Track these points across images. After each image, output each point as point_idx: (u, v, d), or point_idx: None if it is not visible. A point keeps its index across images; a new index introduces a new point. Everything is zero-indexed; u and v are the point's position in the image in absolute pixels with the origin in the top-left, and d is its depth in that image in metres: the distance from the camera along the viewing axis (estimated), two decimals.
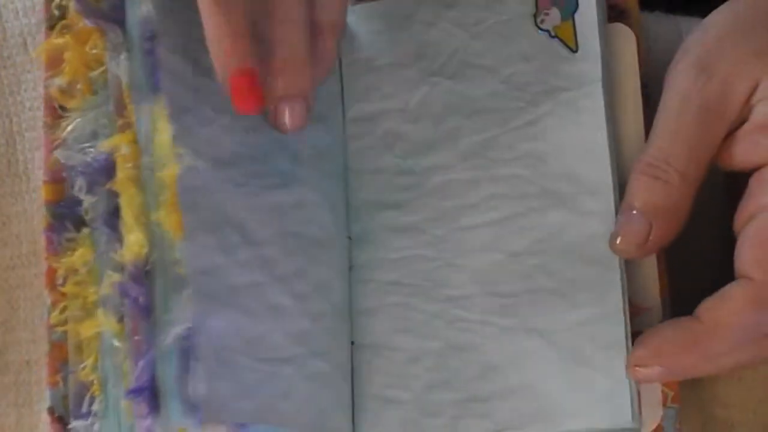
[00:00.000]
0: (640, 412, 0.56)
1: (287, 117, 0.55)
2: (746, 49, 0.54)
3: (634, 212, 0.55)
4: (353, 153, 0.60)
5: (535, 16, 0.59)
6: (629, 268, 0.57)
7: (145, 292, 0.50)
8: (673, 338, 0.53)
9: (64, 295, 0.51)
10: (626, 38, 0.59)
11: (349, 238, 0.59)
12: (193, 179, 0.51)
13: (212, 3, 0.52)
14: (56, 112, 0.53)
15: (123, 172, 0.51)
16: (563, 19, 0.58)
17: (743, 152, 0.54)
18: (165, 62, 0.52)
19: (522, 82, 0.58)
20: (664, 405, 0.56)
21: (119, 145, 0.51)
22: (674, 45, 0.58)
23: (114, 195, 0.51)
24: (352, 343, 0.58)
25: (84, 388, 0.51)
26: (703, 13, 0.59)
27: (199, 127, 0.52)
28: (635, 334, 0.56)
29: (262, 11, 0.54)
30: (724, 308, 0.53)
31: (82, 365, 0.51)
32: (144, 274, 0.50)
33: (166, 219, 0.50)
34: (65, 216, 0.52)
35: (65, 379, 0.52)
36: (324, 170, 0.58)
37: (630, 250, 0.55)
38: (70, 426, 0.51)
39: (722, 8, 0.56)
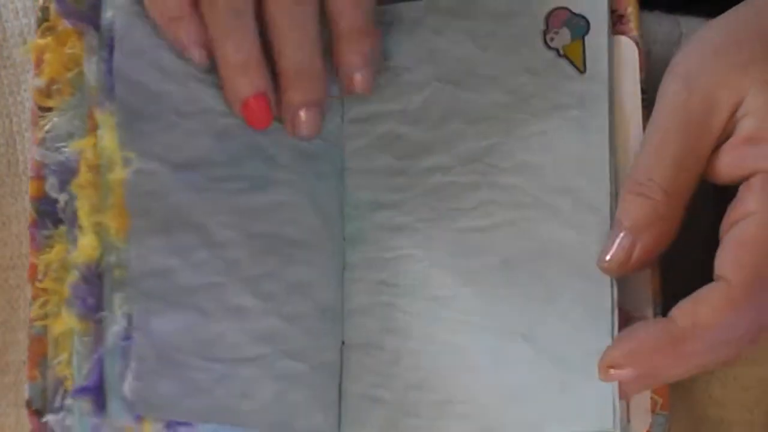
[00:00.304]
0: (629, 419, 0.56)
1: (301, 125, 0.57)
2: (731, 65, 0.54)
3: (620, 230, 0.55)
4: (350, 153, 0.60)
5: (544, 33, 0.59)
6: (622, 276, 0.57)
7: (95, 293, 0.51)
8: (647, 339, 0.53)
9: (45, 290, 0.52)
10: (629, 52, 0.59)
11: (345, 238, 0.59)
12: (145, 183, 0.52)
13: (224, 31, 0.54)
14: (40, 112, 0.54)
15: (81, 174, 0.52)
16: (573, 39, 0.59)
17: (730, 166, 0.55)
18: (120, 69, 0.53)
19: (527, 95, 0.59)
20: (653, 412, 0.56)
21: (84, 147, 0.52)
22: (674, 45, 0.59)
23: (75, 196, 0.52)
24: (343, 342, 0.59)
25: (60, 382, 0.51)
26: (704, 12, 0.60)
27: (159, 132, 0.53)
28: None
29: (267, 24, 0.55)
30: (699, 309, 0.53)
31: (57, 360, 0.51)
32: (96, 276, 0.51)
33: (112, 222, 0.51)
34: (46, 213, 0.53)
35: (44, 374, 0.52)
36: (312, 171, 0.58)
37: (614, 268, 0.55)
38: (43, 419, 0.51)
39: (712, 23, 0.57)
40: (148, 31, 0.54)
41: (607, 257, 0.55)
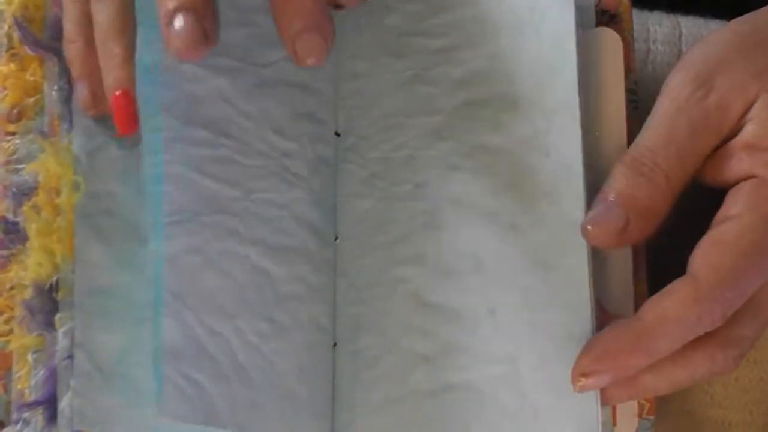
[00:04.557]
0: (615, 423, 0.55)
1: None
2: (747, 70, 0.54)
3: (612, 201, 0.54)
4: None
5: None
6: (602, 274, 0.56)
7: (45, 309, 0.54)
8: (613, 340, 0.53)
9: (9, 307, 0.54)
10: (613, 43, 0.58)
11: (337, 238, 0.60)
12: (99, 204, 0.54)
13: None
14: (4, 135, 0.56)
15: (38, 196, 0.54)
16: None
17: (727, 168, 0.54)
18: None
19: None
20: (640, 416, 0.56)
21: (39, 169, 0.54)
22: (674, 45, 0.58)
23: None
24: (334, 345, 0.59)
25: (20, 395, 0.54)
26: (704, 12, 0.60)
27: (119, 152, 0.55)
28: None
29: None
30: (666, 303, 0.52)
31: (18, 374, 0.54)
32: (46, 293, 0.54)
33: (57, 244, 0.54)
34: (8, 232, 0.55)
35: (8, 387, 0.54)
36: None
37: (602, 239, 0.54)
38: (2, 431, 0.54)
39: (726, 27, 0.56)
40: None
41: (591, 226, 0.54)
